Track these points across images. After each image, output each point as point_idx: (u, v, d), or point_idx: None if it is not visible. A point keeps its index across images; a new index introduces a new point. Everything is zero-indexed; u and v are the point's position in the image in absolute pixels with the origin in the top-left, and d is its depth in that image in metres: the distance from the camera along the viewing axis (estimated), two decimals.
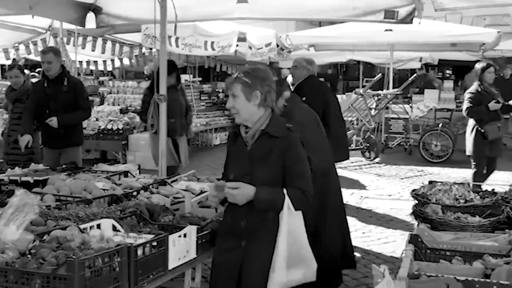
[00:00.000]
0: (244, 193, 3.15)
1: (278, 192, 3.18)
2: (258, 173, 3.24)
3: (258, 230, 3.25)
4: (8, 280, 2.60)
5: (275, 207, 3.18)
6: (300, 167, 3.27)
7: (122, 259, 2.77)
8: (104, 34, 11.05)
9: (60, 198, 4.41)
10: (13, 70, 7.29)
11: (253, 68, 3.34)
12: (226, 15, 7.25)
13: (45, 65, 6.46)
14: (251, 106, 3.27)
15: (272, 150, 3.24)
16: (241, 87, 3.26)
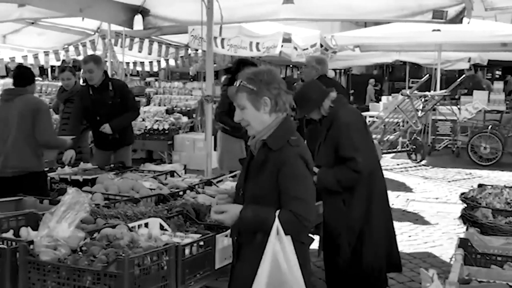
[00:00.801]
0: (231, 215, 2.83)
1: (267, 212, 2.77)
2: (249, 187, 2.96)
3: (244, 250, 2.96)
4: (60, 276, 2.66)
5: (260, 228, 2.79)
6: (294, 188, 2.80)
7: (170, 258, 2.80)
8: (150, 36, 11.26)
9: (108, 197, 4.49)
10: (65, 72, 7.44)
11: (255, 71, 2.95)
12: (271, 16, 7.27)
13: (87, 74, 6.40)
14: (261, 115, 2.90)
15: (266, 164, 2.87)
16: (246, 95, 2.88)
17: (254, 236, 2.85)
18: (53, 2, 6.60)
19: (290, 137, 2.88)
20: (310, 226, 2.86)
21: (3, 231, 3.31)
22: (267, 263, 2.72)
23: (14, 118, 5.20)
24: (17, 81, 5.39)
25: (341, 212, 4.36)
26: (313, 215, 2.87)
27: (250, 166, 2.98)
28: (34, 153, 5.20)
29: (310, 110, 4.51)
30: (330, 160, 4.36)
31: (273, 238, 2.72)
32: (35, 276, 2.72)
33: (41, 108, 5.24)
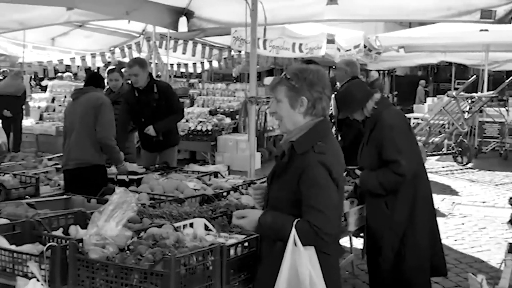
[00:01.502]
0: (250, 220, 2.79)
1: (285, 220, 2.68)
2: (273, 188, 2.89)
3: (264, 257, 2.92)
4: (109, 274, 2.71)
5: (278, 236, 2.72)
6: (313, 197, 2.66)
7: (215, 258, 2.82)
8: (194, 38, 11.38)
9: (154, 197, 4.56)
10: (114, 73, 7.55)
11: (302, 68, 2.82)
12: (315, 17, 7.24)
13: (133, 78, 6.49)
14: (295, 114, 2.80)
15: (290, 167, 2.78)
16: (285, 90, 2.79)
17: (274, 243, 2.79)
18: (100, 6, 6.74)
19: (316, 142, 2.74)
20: (329, 239, 2.67)
21: (53, 229, 3.40)
22: (285, 273, 2.64)
23: (78, 114, 5.39)
24: (88, 83, 5.59)
25: (384, 215, 4.31)
26: (331, 228, 2.67)
27: (277, 167, 2.92)
28: (95, 147, 5.34)
29: (353, 110, 4.47)
30: (373, 162, 4.31)
31: (290, 248, 2.63)
32: (84, 274, 2.77)
33: (104, 103, 5.37)
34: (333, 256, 2.85)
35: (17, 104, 12.28)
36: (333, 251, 2.84)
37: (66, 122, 5.64)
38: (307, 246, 2.64)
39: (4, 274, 3.04)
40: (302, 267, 2.61)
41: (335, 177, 2.72)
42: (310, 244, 2.66)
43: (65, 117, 5.69)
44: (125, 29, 10.92)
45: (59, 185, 5.40)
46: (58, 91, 14.68)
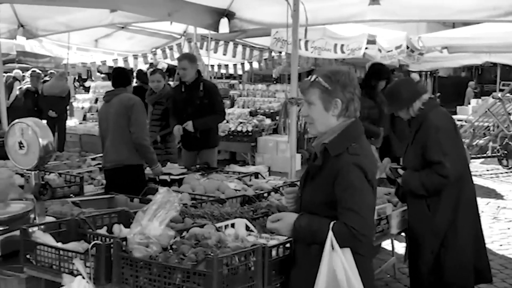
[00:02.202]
0: (285, 224, 2.81)
1: (321, 223, 2.69)
2: (306, 191, 2.89)
3: (300, 261, 2.90)
4: (152, 273, 2.74)
5: (314, 239, 2.72)
6: (348, 199, 2.66)
7: (258, 258, 2.82)
8: (235, 38, 11.42)
9: (195, 197, 4.59)
10: (156, 74, 7.64)
11: (333, 70, 2.83)
12: (357, 18, 7.17)
13: (181, 72, 6.70)
14: (329, 117, 2.80)
15: (323, 170, 2.76)
16: (319, 93, 2.78)
17: (309, 247, 2.79)
18: (143, 7, 6.82)
19: (350, 144, 2.74)
20: (366, 240, 2.69)
21: (98, 227, 3.45)
22: (324, 276, 2.63)
23: (112, 116, 5.46)
24: (116, 82, 5.64)
25: (425, 216, 4.24)
26: (368, 229, 2.70)
27: (310, 169, 2.90)
28: (129, 148, 5.40)
29: (398, 108, 4.42)
30: (417, 163, 4.25)
31: (327, 251, 2.64)
32: (128, 272, 2.81)
33: (135, 103, 5.44)
34: (367, 258, 2.84)
35: (62, 105, 12.55)
36: (368, 253, 2.83)
37: (101, 124, 5.72)
38: (344, 248, 2.65)
39: (51, 271, 3.11)
40: (340, 269, 2.62)
41: (369, 178, 2.72)
42: (347, 246, 2.67)
43: (100, 119, 5.78)
44: (166, 31, 11.04)
45: (102, 184, 5.50)
46: (101, 92, 14.93)
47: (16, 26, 8.59)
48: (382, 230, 4.18)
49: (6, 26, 8.41)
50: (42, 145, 3.42)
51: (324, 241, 2.65)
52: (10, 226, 3.44)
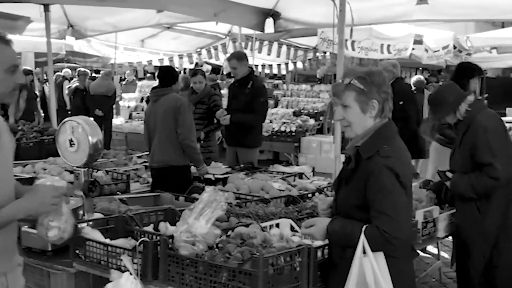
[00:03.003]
0: (319, 229, 2.78)
1: (354, 226, 2.67)
2: (340, 195, 2.85)
3: (335, 264, 2.87)
4: (198, 271, 2.76)
5: (347, 243, 2.70)
6: (380, 202, 2.62)
7: (303, 259, 2.81)
8: (279, 39, 11.42)
9: (240, 196, 4.60)
10: (197, 76, 7.69)
11: (367, 71, 2.77)
12: (404, 18, 7.09)
13: (232, 71, 6.88)
14: (366, 119, 2.75)
15: (356, 173, 2.73)
16: (355, 95, 2.72)
17: (344, 250, 2.76)
18: (189, 8, 6.89)
19: (382, 146, 2.69)
20: (399, 244, 2.64)
21: (144, 224, 3.50)
22: (353, 279, 2.62)
23: (159, 116, 5.51)
24: (162, 81, 5.70)
25: (475, 220, 4.16)
26: (401, 232, 2.64)
27: (343, 173, 2.87)
28: (176, 148, 5.46)
29: (445, 113, 4.34)
30: (465, 166, 4.17)
31: (359, 254, 2.61)
32: (174, 269, 2.84)
33: (183, 104, 5.49)
34: (403, 260, 2.79)
35: (108, 104, 12.77)
36: (403, 255, 2.78)
37: (148, 124, 5.73)
38: (376, 252, 2.63)
39: (99, 266, 3.17)
40: (369, 273, 2.59)
41: (402, 180, 2.66)
42: (379, 250, 2.64)
43: (147, 119, 5.79)
44: (211, 31, 11.12)
45: (148, 182, 5.57)
46: (147, 91, 15.15)
47: (65, 27, 8.80)
48: (429, 233, 4.12)
49: (56, 27, 8.62)
50: (91, 143, 3.48)
51: (356, 244, 2.63)
52: None
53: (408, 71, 15.21)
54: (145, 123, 5.85)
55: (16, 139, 6.49)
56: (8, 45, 2.47)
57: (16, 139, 6.53)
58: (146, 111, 5.98)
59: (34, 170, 5.29)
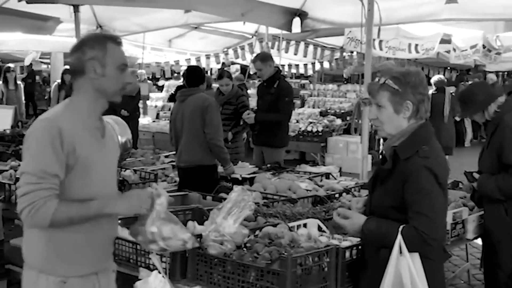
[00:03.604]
0: (353, 223, 2.75)
1: (390, 226, 2.63)
2: (375, 196, 2.82)
3: (369, 264, 2.83)
4: (226, 270, 2.78)
5: (383, 243, 2.67)
6: (418, 202, 2.59)
7: (331, 259, 2.81)
8: (306, 38, 11.40)
9: (267, 196, 4.61)
10: (224, 79, 7.63)
11: (403, 72, 2.74)
12: (432, 17, 7.04)
13: (258, 72, 6.92)
14: (400, 119, 2.72)
15: (393, 173, 2.69)
16: (389, 96, 2.69)
17: (378, 251, 2.73)
18: (217, 8, 6.93)
19: (421, 146, 2.65)
20: (437, 245, 2.62)
21: None
22: (389, 280, 2.58)
23: (186, 116, 5.54)
24: (189, 81, 5.73)
25: (502, 221, 4.10)
26: (439, 234, 2.62)
27: (379, 173, 2.83)
28: (203, 148, 5.48)
29: (473, 112, 4.30)
30: (493, 167, 4.12)
31: (395, 255, 2.57)
32: (203, 268, 2.86)
33: (210, 104, 5.51)
34: (437, 262, 2.77)
35: (133, 103, 12.82)
36: (438, 257, 2.76)
37: (175, 124, 5.73)
38: (412, 253, 2.59)
39: (127, 265, 3.21)
40: (406, 274, 2.56)
41: (440, 181, 2.64)
42: (416, 251, 2.60)
43: (173, 119, 5.79)
44: (238, 31, 11.15)
45: (175, 181, 5.60)
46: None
47: (94, 27, 8.89)
48: (458, 234, 4.07)
49: (86, 27, 8.71)
50: (121, 142, 3.53)
51: (392, 245, 2.60)
52: None
53: (436, 70, 15.04)
54: (171, 123, 5.87)
55: None
56: (119, 45, 2.59)
57: None
58: (173, 111, 5.99)
59: None
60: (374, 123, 2.83)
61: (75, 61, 2.54)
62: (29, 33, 9.29)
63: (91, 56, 2.50)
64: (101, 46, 2.52)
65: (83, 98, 2.55)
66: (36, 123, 2.46)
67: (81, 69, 2.52)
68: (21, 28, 8.47)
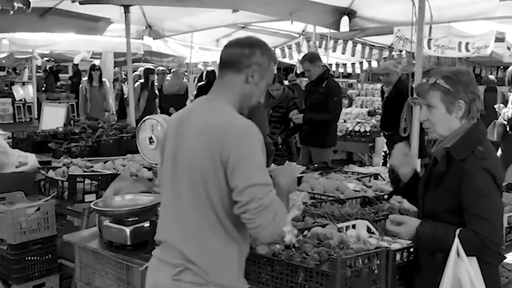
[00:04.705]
0: (408, 229, 2.68)
1: (446, 229, 2.55)
2: (427, 199, 2.75)
3: (423, 268, 2.77)
4: (274, 270, 2.76)
5: (438, 247, 2.60)
6: (477, 205, 2.52)
7: (381, 262, 2.76)
8: (354, 37, 11.29)
9: (314, 196, 4.57)
10: (274, 84, 7.61)
11: (454, 71, 2.68)
12: (486, 15, 6.85)
13: (306, 73, 6.96)
14: (452, 120, 2.66)
15: (447, 175, 2.62)
16: (440, 95, 2.64)
17: (433, 255, 2.66)
18: (265, 7, 6.94)
19: (476, 147, 2.59)
20: (496, 248, 2.55)
21: None
22: (447, 284, 2.50)
23: None
24: None
25: None
26: (498, 236, 2.55)
27: (431, 175, 2.75)
28: None
29: None
30: None
31: (452, 259, 2.50)
32: (251, 267, 2.85)
33: (258, 106, 5.50)
34: (494, 266, 2.70)
35: (181, 102, 12.95)
36: (495, 260, 2.69)
37: None
38: (470, 257, 2.51)
39: None
40: (466, 279, 2.49)
41: (498, 183, 2.57)
42: (474, 254, 2.53)
43: None
44: (285, 30, 11.13)
45: None
46: None
47: (144, 27, 9.05)
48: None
49: (135, 27, 8.87)
50: None
51: (449, 249, 2.53)
52: (139, 218, 3.62)
53: (489, 69, 14.67)
54: None
55: (96, 136, 6.72)
56: (274, 65, 2.60)
57: (97, 137, 6.77)
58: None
59: (114, 166, 5.45)
60: (425, 125, 2.77)
61: (239, 55, 2.49)
62: (81, 33, 9.51)
63: (258, 62, 2.48)
64: (269, 58, 2.52)
65: (230, 96, 2.51)
66: (246, 130, 2.37)
67: (241, 66, 2.48)
68: (74, 28, 8.68)
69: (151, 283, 2.57)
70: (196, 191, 2.39)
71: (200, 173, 2.37)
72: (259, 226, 2.27)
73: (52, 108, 9.12)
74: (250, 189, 2.27)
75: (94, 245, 3.73)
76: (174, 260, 2.44)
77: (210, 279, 2.40)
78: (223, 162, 2.31)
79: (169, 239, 2.51)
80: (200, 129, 2.41)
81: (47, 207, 4.56)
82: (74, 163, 5.50)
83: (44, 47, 13.45)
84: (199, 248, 2.41)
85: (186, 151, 2.44)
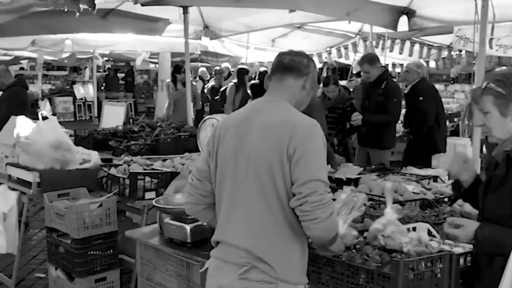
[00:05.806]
0: (467, 232, 2.61)
1: (507, 233, 2.48)
2: (488, 203, 2.67)
3: (483, 273, 2.69)
4: (335, 271, 2.76)
5: (498, 251, 2.51)
6: None
7: (444, 265, 2.72)
8: (411, 37, 11.10)
9: (372, 198, 4.53)
10: (329, 86, 7.56)
11: (505, 73, 2.60)
12: None
13: (364, 75, 6.87)
14: (508, 123, 2.57)
15: (507, 179, 2.55)
16: (492, 99, 2.55)
17: (492, 259, 2.59)
18: (322, 7, 6.89)
19: None
20: None
21: None
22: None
23: None
24: None
25: None
26: None
27: (492, 179, 2.68)
28: None
29: None
30: None
31: (511, 264, 2.39)
32: (311, 268, 2.85)
33: (315, 104, 5.49)
34: None
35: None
36: None
37: None
38: None
39: None
40: None
41: None
42: None
43: None
44: (341, 30, 11.05)
45: None
46: None
47: (201, 28, 9.15)
48: None
49: (193, 28, 8.98)
50: None
51: (508, 252, 2.42)
52: None
53: None
54: None
55: (155, 135, 6.85)
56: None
57: (155, 135, 6.89)
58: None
59: (173, 165, 5.55)
60: (483, 130, 2.72)
61: (300, 63, 2.71)
62: (140, 34, 9.68)
63: (311, 72, 2.72)
64: (316, 72, 2.78)
65: (289, 98, 2.68)
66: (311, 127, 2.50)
67: (301, 73, 2.70)
68: (133, 29, 8.85)
69: (214, 284, 2.60)
70: (264, 185, 2.45)
71: (268, 167, 2.44)
72: (316, 219, 2.32)
73: (112, 107, 9.36)
74: (313, 182, 2.34)
75: (155, 241, 3.80)
76: (238, 260, 2.47)
77: (278, 275, 2.44)
78: (289, 156, 2.40)
79: (231, 239, 2.54)
80: (268, 125, 2.50)
81: (109, 203, 4.69)
82: (135, 161, 5.62)
83: (104, 47, 13.79)
84: (267, 245, 2.45)
85: (252, 148, 2.50)
